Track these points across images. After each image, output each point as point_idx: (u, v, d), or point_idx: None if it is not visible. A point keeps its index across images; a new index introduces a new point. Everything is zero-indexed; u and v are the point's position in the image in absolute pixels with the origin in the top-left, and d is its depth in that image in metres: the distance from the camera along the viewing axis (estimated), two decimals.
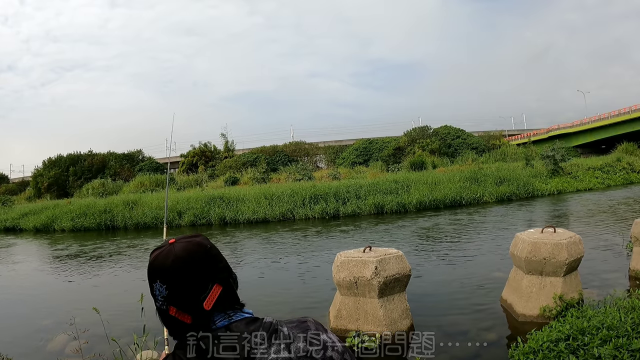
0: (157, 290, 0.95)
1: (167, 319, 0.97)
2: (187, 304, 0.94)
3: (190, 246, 0.97)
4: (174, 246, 0.96)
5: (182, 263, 0.94)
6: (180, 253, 0.95)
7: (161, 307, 0.96)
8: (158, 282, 0.95)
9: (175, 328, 0.96)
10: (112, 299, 6.73)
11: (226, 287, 0.98)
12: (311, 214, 16.13)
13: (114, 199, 20.73)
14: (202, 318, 0.94)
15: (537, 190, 18.12)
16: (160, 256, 0.96)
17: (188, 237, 1.00)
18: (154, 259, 0.97)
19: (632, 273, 5.73)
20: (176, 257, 0.94)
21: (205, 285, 0.95)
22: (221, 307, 0.96)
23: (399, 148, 32.41)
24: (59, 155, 39.97)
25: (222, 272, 0.99)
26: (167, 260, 0.94)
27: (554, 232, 4.68)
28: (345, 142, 44.83)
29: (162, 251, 0.97)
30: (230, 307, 0.98)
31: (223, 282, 0.98)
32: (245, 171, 31.04)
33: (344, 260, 4.45)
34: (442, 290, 5.97)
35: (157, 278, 0.95)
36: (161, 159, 47.59)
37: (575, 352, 2.98)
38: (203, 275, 0.95)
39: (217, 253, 1.01)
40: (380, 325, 4.24)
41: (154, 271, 0.96)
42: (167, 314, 0.96)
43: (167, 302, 0.95)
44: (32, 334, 5.32)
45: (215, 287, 0.96)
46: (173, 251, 0.95)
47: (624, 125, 38.29)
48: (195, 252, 0.96)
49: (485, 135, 38.00)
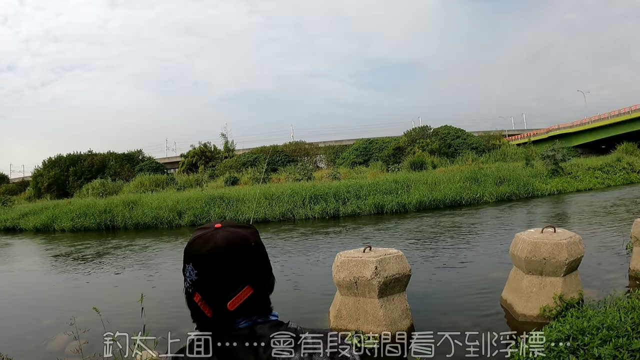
0: (188, 273, 0.91)
1: (191, 303, 0.93)
2: (211, 297, 0.89)
3: (234, 239, 0.90)
4: (218, 232, 0.91)
5: (218, 254, 0.88)
6: (221, 243, 0.89)
7: (187, 289, 0.92)
8: (191, 264, 0.91)
9: (196, 316, 0.93)
10: (112, 299, 6.73)
11: (258, 290, 0.92)
12: (311, 214, 16.13)
13: (114, 199, 20.73)
14: (222, 316, 0.90)
15: (537, 190, 18.12)
16: (200, 239, 0.91)
17: (236, 227, 0.94)
18: (194, 239, 0.92)
19: (632, 273, 5.73)
20: (215, 246, 0.89)
21: (235, 285, 0.89)
22: (247, 310, 0.91)
23: (399, 148, 32.41)
24: (59, 155, 39.99)
25: (258, 274, 0.93)
26: (205, 246, 0.89)
27: (554, 232, 4.68)
28: (345, 142, 44.83)
29: (204, 234, 0.92)
30: (257, 313, 0.93)
31: (256, 285, 0.92)
32: (245, 171, 31.07)
33: (344, 260, 4.45)
34: (442, 290, 5.97)
35: (190, 261, 0.91)
36: (161, 159, 47.64)
37: (575, 352, 2.98)
38: (236, 273, 0.89)
39: (261, 252, 0.95)
40: (380, 325, 4.24)
41: (190, 253, 0.92)
42: (191, 298, 0.92)
43: (194, 287, 0.90)
44: (32, 334, 5.32)
45: (246, 289, 0.90)
46: (214, 238, 0.90)
47: (624, 125, 38.29)
48: (236, 246, 0.90)
49: (485, 135, 37.99)
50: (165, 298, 6.58)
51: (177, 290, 4.91)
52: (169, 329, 5.08)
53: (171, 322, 5.38)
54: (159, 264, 9.51)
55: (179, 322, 5.37)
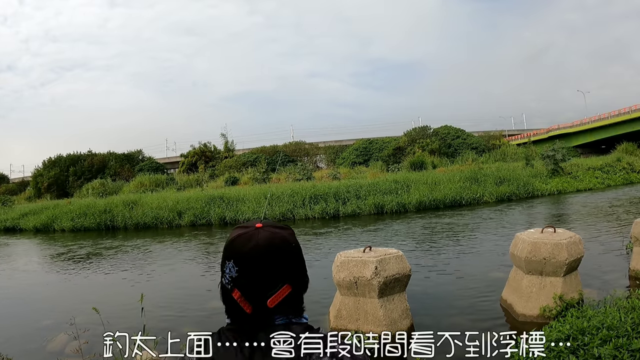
0: (228, 269, 0.94)
1: (228, 299, 0.95)
2: (252, 294, 0.92)
3: (275, 239, 0.94)
4: (259, 232, 0.93)
5: (260, 253, 0.91)
6: (263, 242, 0.92)
7: (226, 285, 0.95)
8: (232, 261, 0.93)
9: (233, 311, 0.95)
10: (112, 299, 6.73)
11: (295, 289, 0.95)
12: (311, 214, 16.13)
13: (114, 199, 20.72)
14: (262, 313, 0.92)
15: (537, 190, 18.12)
16: (242, 238, 0.94)
17: (276, 227, 0.97)
18: (235, 237, 0.95)
19: (632, 273, 5.73)
20: (257, 245, 0.92)
21: (275, 283, 0.92)
22: (285, 308, 0.94)
23: (399, 148, 32.42)
24: (59, 155, 39.98)
25: (296, 274, 0.96)
26: (247, 244, 0.92)
27: (554, 232, 4.68)
28: (345, 142, 44.82)
29: (245, 233, 0.94)
30: (293, 311, 0.96)
31: (294, 284, 0.95)
32: (245, 171, 31.07)
33: (344, 260, 4.45)
34: (442, 290, 5.97)
35: (232, 258, 0.93)
36: (161, 159, 47.64)
37: (575, 352, 2.97)
38: (276, 272, 0.92)
39: (299, 253, 0.98)
40: (380, 325, 4.24)
41: (231, 250, 0.94)
42: (229, 295, 0.94)
43: (233, 283, 0.93)
44: (32, 334, 5.32)
45: (285, 287, 0.93)
46: (256, 237, 0.93)
47: (624, 125, 38.29)
48: (277, 246, 0.93)
49: (485, 135, 37.98)
50: (166, 298, 6.59)
51: (177, 290, 4.96)
52: (169, 329, 5.09)
53: (171, 322, 5.39)
54: (159, 264, 9.51)
55: (179, 322, 5.38)
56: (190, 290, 7.09)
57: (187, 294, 6.87)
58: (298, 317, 0.96)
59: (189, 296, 6.70)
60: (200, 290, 7.00)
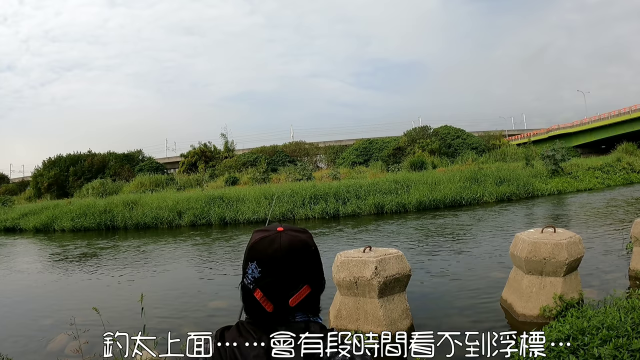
0: (251, 270, 0.98)
1: (249, 298, 0.99)
2: (274, 294, 0.96)
3: (297, 242, 0.98)
4: (281, 235, 0.98)
5: (283, 255, 0.96)
6: (285, 245, 0.96)
7: (248, 285, 0.98)
8: (255, 263, 0.97)
9: (254, 310, 0.98)
10: (112, 299, 6.73)
11: (314, 290, 1.01)
12: (311, 214, 16.13)
13: (114, 199, 20.71)
14: (283, 311, 0.97)
15: (537, 190, 18.11)
16: (265, 240, 0.98)
17: (296, 231, 1.01)
18: (258, 240, 0.98)
19: (632, 273, 5.73)
20: (280, 247, 0.96)
21: (296, 284, 0.97)
22: (304, 307, 0.99)
23: (399, 148, 32.42)
24: (59, 156, 39.98)
25: (316, 275, 1.02)
26: (270, 246, 0.96)
27: (553, 232, 4.68)
28: (345, 142, 44.84)
29: (268, 236, 0.98)
30: (311, 311, 1.01)
31: (313, 285, 1.00)
32: (245, 171, 31.06)
33: (344, 260, 4.44)
34: (442, 290, 5.97)
35: (255, 259, 0.97)
36: (161, 159, 47.64)
37: (575, 352, 2.97)
38: (297, 273, 0.97)
39: (317, 256, 1.03)
40: (380, 325, 4.24)
41: (254, 252, 0.98)
42: (251, 294, 0.98)
43: (256, 283, 0.97)
44: (32, 334, 5.32)
45: (305, 288, 0.98)
46: (278, 240, 0.97)
47: (624, 125, 38.30)
48: (299, 249, 0.98)
49: (485, 135, 37.98)
50: (166, 298, 6.59)
51: (177, 291, 4.96)
52: (169, 329, 5.09)
53: (171, 322, 5.39)
54: (158, 264, 9.51)
55: (179, 322, 5.38)
56: (190, 290, 7.09)
57: (187, 294, 6.87)
58: (315, 317, 1.02)
59: (189, 296, 6.70)
60: (200, 291, 7.00)
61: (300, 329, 0.96)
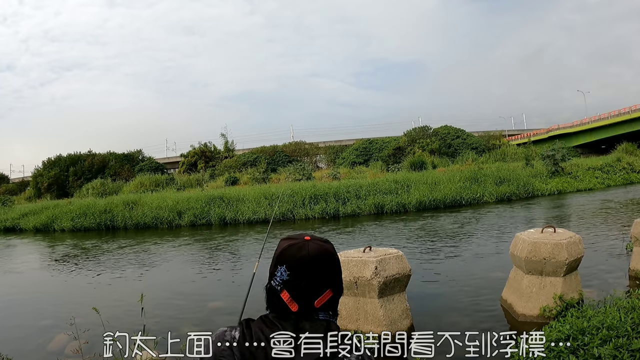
0: (280, 273, 1.06)
1: (276, 298, 1.07)
2: (300, 296, 1.05)
3: (323, 250, 1.08)
4: (309, 244, 1.07)
5: (311, 261, 1.05)
6: (313, 252, 1.06)
7: (275, 287, 1.07)
8: (284, 266, 1.06)
9: (279, 308, 1.06)
10: (112, 299, 6.73)
11: (335, 294, 1.10)
12: (311, 214, 16.12)
13: (114, 199, 20.72)
14: (308, 311, 1.05)
15: (537, 190, 18.12)
16: (294, 247, 1.07)
17: (322, 241, 1.11)
18: (287, 247, 1.08)
19: (632, 273, 5.73)
20: (308, 254, 1.05)
21: (321, 287, 1.06)
22: (326, 309, 1.08)
23: (399, 148, 32.43)
24: (59, 156, 39.99)
25: (337, 281, 1.11)
26: (299, 252, 1.06)
27: (553, 232, 4.68)
28: (345, 142, 44.82)
29: (296, 243, 1.08)
30: (332, 310, 1.11)
31: (334, 289, 1.10)
32: (245, 171, 31.07)
33: (344, 260, 4.44)
34: (442, 290, 5.97)
35: (284, 263, 1.06)
36: (161, 159, 47.63)
37: (575, 352, 2.97)
38: (323, 278, 1.07)
39: (339, 264, 1.13)
40: (380, 325, 4.24)
41: (284, 257, 1.07)
42: (278, 295, 1.06)
43: (283, 285, 1.05)
44: (32, 334, 5.32)
45: (328, 292, 1.08)
46: (307, 247, 1.06)
47: (624, 125, 38.29)
48: (325, 256, 1.08)
49: (485, 135, 37.98)
50: (165, 298, 6.59)
51: (177, 291, 4.95)
52: (169, 329, 5.09)
53: (171, 322, 5.39)
54: (158, 264, 9.51)
55: (179, 322, 5.38)
56: (190, 290, 7.09)
57: (187, 294, 6.87)
58: (334, 318, 1.11)
59: (189, 296, 6.70)
60: (200, 291, 7.00)
61: (323, 327, 1.03)
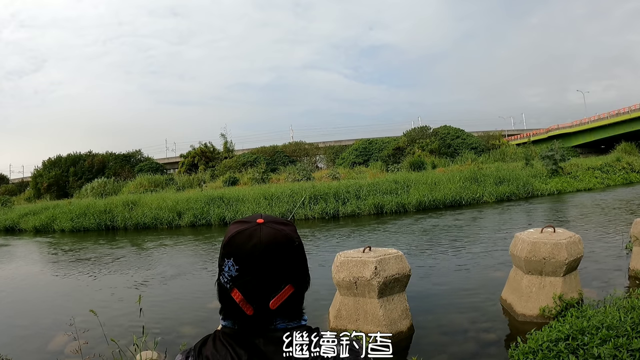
0: (227, 268, 0.87)
1: (226, 299, 0.88)
2: (253, 295, 0.85)
3: (279, 236, 0.87)
4: (261, 228, 0.86)
5: (262, 251, 0.85)
6: (265, 240, 0.85)
7: (224, 285, 0.88)
8: (231, 259, 0.86)
9: (232, 312, 0.88)
10: (112, 300, 6.73)
11: (298, 289, 0.89)
12: (311, 214, 16.13)
13: (113, 199, 20.72)
14: (264, 315, 0.86)
15: (536, 190, 18.12)
16: (243, 234, 0.86)
17: (278, 223, 0.89)
18: (235, 234, 0.87)
19: (632, 273, 5.74)
20: (259, 242, 0.85)
21: (278, 283, 0.86)
22: (286, 309, 0.88)
23: (398, 148, 32.45)
24: (59, 156, 40.04)
25: (300, 273, 0.90)
26: (248, 241, 0.85)
27: (553, 232, 4.68)
28: (345, 142, 44.87)
29: (246, 229, 0.87)
30: (294, 313, 0.90)
31: (296, 284, 0.89)
32: (245, 171, 31.07)
33: (344, 260, 4.44)
34: (442, 290, 5.97)
35: (231, 255, 0.86)
36: (161, 159, 47.65)
37: (575, 352, 2.98)
38: (279, 272, 0.86)
39: (302, 251, 0.91)
40: (380, 325, 4.24)
41: (231, 248, 0.87)
42: (228, 295, 0.87)
43: (233, 283, 0.86)
44: (32, 334, 5.32)
45: (287, 288, 0.87)
46: (258, 234, 0.86)
47: (624, 125, 38.34)
48: (281, 244, 0.87)
49: (485, 135, 38.05)
50: (165, 298, 6.59)
51: (177, 291, 4.96)
52: (169, 329, 5.09)
53: (171, 322, 5.38)
54: (158, 264, 9.50)
55: (178, 323, 5.38)
56: (190, 290, 7.09)
57: (186, 294, 6.87)
58: (297, 321, 0.90)
59: (189, 297, 6.70)
60: (200, 291, 6.99)
61: (279, 340, 0.85)
